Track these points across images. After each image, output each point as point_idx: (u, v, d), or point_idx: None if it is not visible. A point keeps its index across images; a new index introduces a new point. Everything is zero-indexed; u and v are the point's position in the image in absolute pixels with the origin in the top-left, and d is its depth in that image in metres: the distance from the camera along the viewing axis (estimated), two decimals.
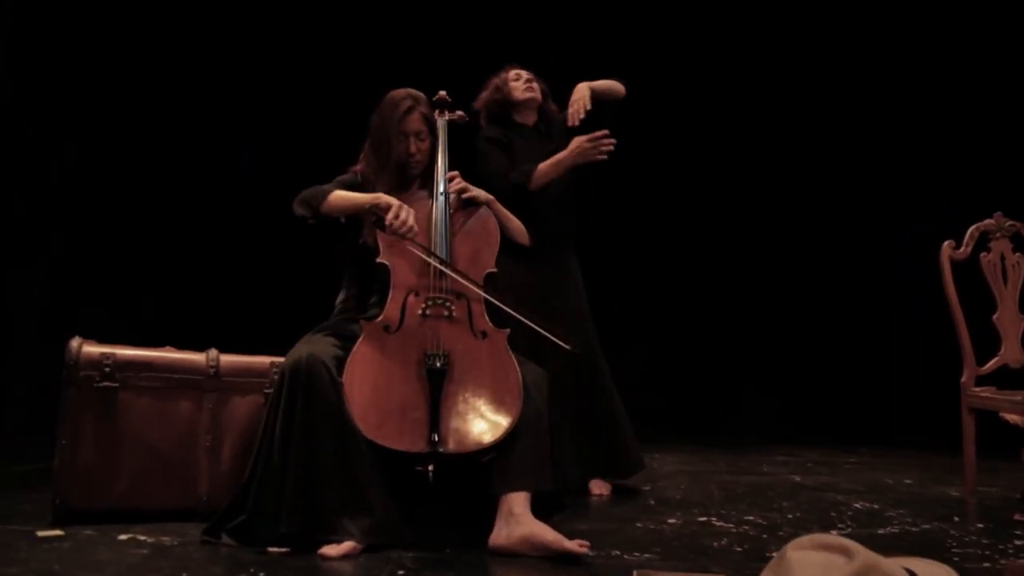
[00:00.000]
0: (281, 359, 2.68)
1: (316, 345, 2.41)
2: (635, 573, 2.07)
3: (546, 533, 2.28)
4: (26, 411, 4.14)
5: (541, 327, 2.46)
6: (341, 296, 2.78)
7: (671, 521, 2.75)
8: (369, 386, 2.37)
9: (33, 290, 4.57)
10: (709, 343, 5.53)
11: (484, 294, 2.53)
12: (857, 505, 3.04)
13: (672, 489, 3.34)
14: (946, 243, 3.15)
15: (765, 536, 2.55)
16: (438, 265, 2.51)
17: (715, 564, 2.23)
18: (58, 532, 2.34)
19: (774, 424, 5.16)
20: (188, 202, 5.16)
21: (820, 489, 3.36)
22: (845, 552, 1.43)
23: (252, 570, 2.06)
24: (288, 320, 2.83)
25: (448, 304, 2.50)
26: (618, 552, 2.33)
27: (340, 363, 2.38)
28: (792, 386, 5.35)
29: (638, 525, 2.69)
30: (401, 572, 2.09)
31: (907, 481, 3.58)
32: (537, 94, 3.30)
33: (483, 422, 2.38)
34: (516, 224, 2.84)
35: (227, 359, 2.63)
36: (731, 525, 2.70)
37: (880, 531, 2.65)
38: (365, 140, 2.78)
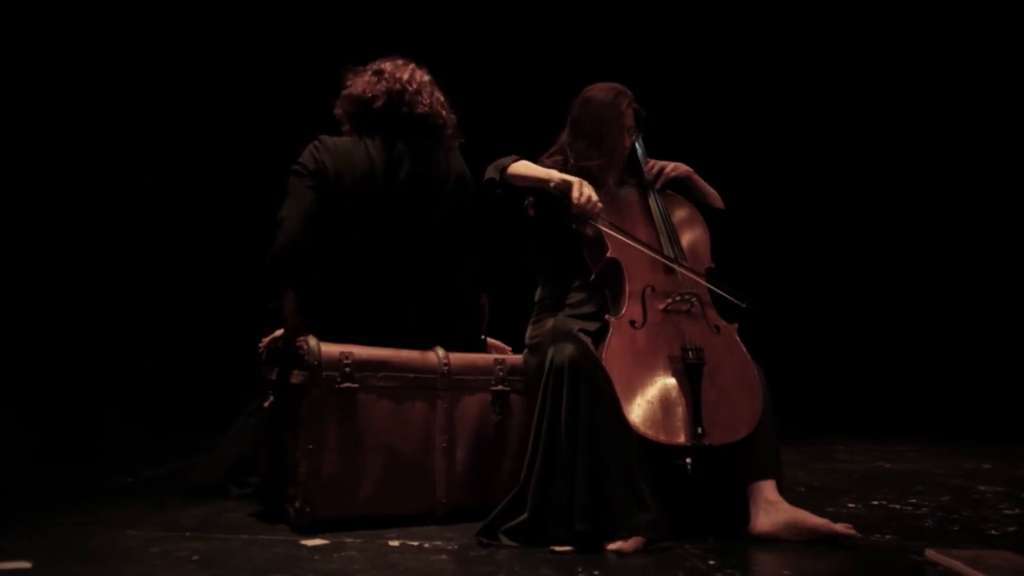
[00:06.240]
0: (502, 355, 2.67)
1: (577, 340, 2.39)
2: (928, 552, 2.18)
3: (811, 517, 2.37)
4: None
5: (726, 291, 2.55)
6: (540, 292, 2.76)
7: (851, 505, 2.90)
8: (629, 381, 2.39)
9: None
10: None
11: (713, 287, 2.60)
12: (982, 487, 3.28)
13: (791, 477, 3.48)
14: None
15: (955, 516, 2.73)
16: (679, 268, 2.57)
17: (959, 541, 2.37)
18: (323, 541, 2.22)
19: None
20: None
21: (928, 474, 3.60)
22: None
23: (580, 569, 2.04)
24: None
25: (691, 299, 2.54)
26: (860, 535, 2.43)
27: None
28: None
29: (829, 510, 2.80)
30: (712, 561, 2.13)
31: (985, 466, 3.87)
32: None
33: (738, 414, 2.45)
34: (713, 192, 2.87)
35: (456, 357, 2.57)
36: (908, 507, 2.88)
37: None
38: (561, 134, 2.79)
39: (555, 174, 2.53)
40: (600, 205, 2.51)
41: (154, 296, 5.11)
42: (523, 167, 2.58)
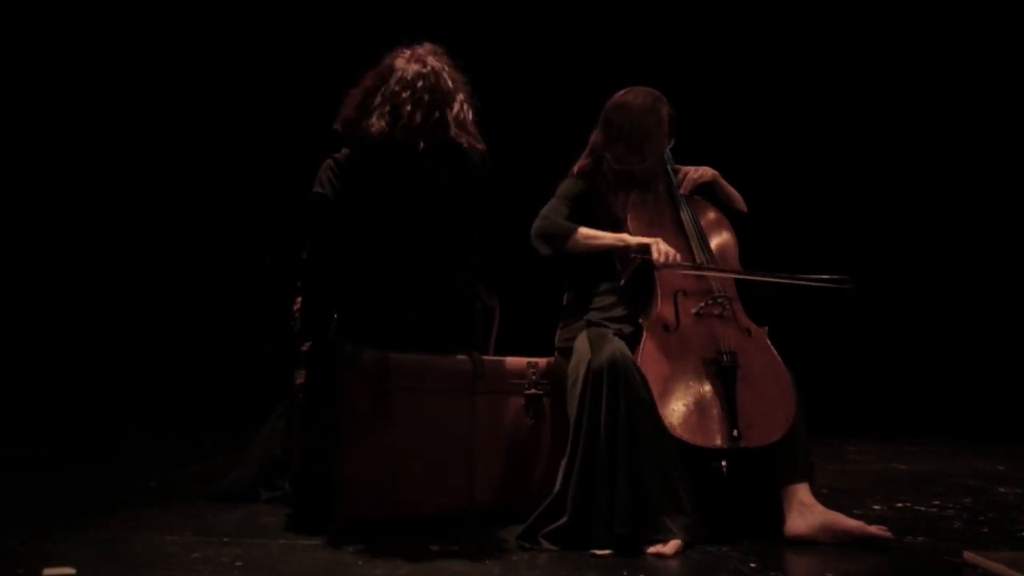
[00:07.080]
0: (535, 359, 2.66)
1: (614, 343, 2.39)
2: (966, 554, 2.19)
3: (845, 520, 2.38)
4: None
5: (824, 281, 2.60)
6: (568, 296, 2.76)
7: (876, 507, 2.91)
8: (665, 385, 2.39)
9: None
10: None
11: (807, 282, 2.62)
12: (1002, 489, 3.30)
13: None
14: None
15: (981, 519, 2.74)
16: (718, 274, 2.59)
17: (991, 543, 2.38)
18: (363, 546, 2.20)
19: None
20: None
21: (944, 476, 3.61)
22: None
23: (625, 573, 2.04)
24: None
25: (722, 303, 2.55)
26: (894, 537, 2.44)
27: None
28: None
29: (856, 512, 2.80)
30: (753, 564, 2.13)
31: (999, 468, 3.89)
32: None
33: (772, 416, 2.46)
34: (737, 195, 2.89)
35: (490, 361, 2.57)
36: (934, 509, 2.89)
37: None
38: (592, 140, 2.78)
39: (630, 239, 2.56)
40: (678, 255, 2.53)
41: (154, 296, 5.10)
42: (588, 237, 2.58)
